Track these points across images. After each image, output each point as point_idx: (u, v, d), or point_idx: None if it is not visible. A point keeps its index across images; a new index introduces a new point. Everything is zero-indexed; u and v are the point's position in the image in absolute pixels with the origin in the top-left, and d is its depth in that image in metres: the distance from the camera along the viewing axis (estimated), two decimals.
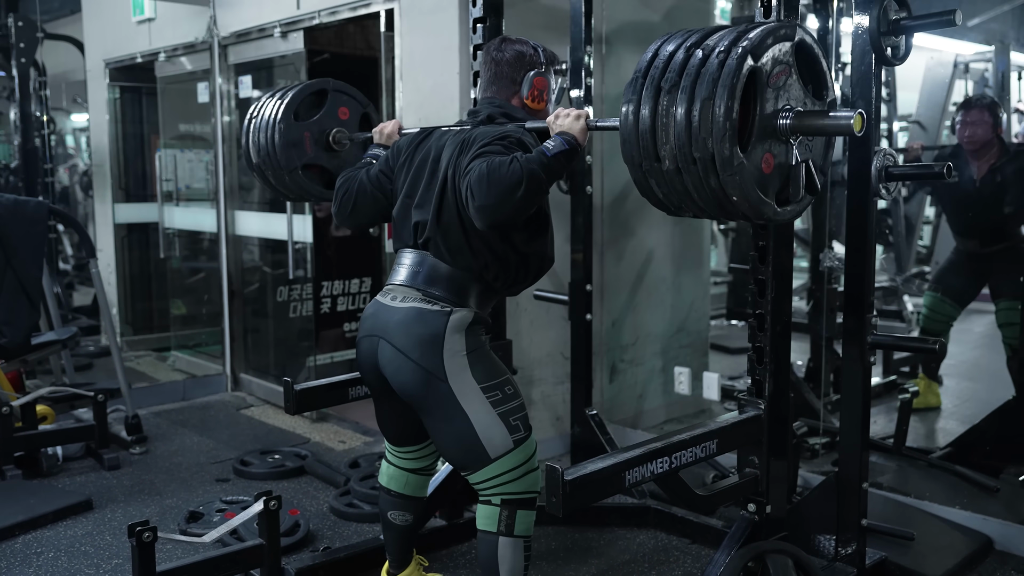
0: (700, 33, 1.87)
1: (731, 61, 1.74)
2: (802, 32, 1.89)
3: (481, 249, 2.22)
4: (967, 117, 4.08)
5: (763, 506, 2.45)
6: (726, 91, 1.72)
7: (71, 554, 3.05)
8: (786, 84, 1.86)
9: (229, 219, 5.16)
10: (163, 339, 6.20)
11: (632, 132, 1.84)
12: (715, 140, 1.73)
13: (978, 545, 2.97)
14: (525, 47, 2.39)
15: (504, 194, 1.98)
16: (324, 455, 4.02)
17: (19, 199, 3.87)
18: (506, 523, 2.24)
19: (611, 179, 4.10)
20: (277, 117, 2.84)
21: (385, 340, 2.27)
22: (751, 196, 1.80)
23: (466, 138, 2.23)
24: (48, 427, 3.96)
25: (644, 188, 1.92)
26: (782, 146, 1.88)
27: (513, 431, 2.23)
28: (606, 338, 4.16)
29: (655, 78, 1.82)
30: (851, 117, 1.80)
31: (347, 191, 2.49)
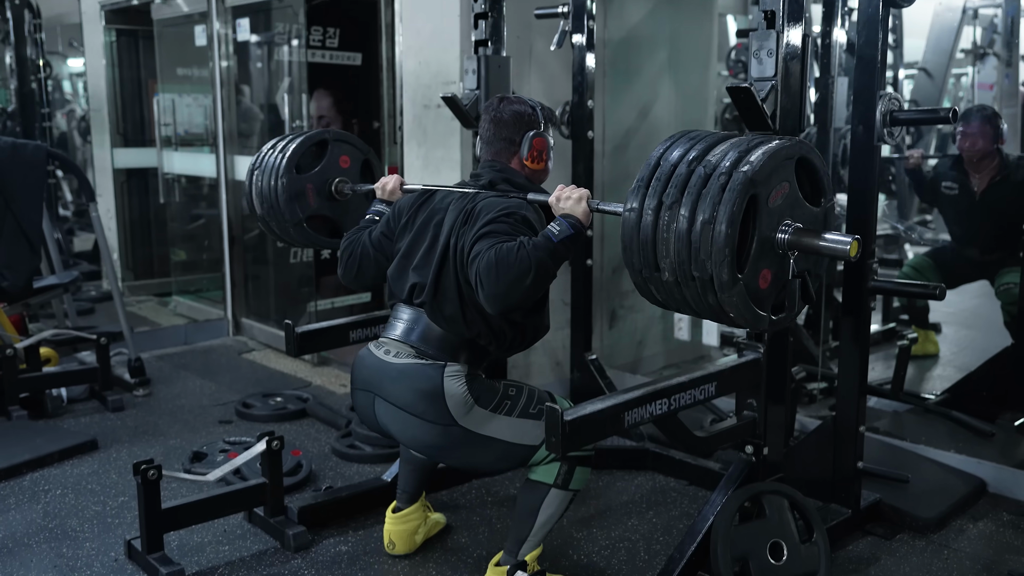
0: (704, 144, 1.86)
1: (732, 186, 1.75)
2: (804, 149, 1.90)
3: (476, 320, 2.26)
4: (968, 128, 4.04)
5: (760, 448, 2.48)
6: (726, 218, 1.73)
7: (78, 491, 3.10)
8: (785, 199, 1.87)
9: (229, 164, 5.14)
10: (164, 284, 6.22)
11: (633, 240, 1.86)
12: (714, 264, 1.75)
13: (971, 488, 3.02)
14: (523, 107, 2.41)
15: (513, 284, 2.04)
16: (325, 398, 4.06)
17: (17, 142, 3.85)
18: (564, 477, 2.31)
19: (613, 124, 4.07)
20: (279, 172, 2.87)
21: (381, 398, 2.31)
22: (747, 314, 1.83)
23: (470, 209, 2.25)
24: (52, 369, 4.00)
25: (643, 290, 1.95)
26: (779, 260, 1.89)
27: (539, 416, 2.27)
28: (606, 284, 4.17)
29: (657, 190, 1.84)
30: (848, 243, 1.82)
31: (351, 255, 2.54)
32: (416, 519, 2.67)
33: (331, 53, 4.88)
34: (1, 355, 3.66)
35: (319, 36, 4.80)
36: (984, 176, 4.06)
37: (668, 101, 4.37)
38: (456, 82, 3.53)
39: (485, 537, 2.79)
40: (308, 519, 2.78)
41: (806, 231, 1.87)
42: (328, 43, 4.85)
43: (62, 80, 9.46)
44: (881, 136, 2.56)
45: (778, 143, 1.83)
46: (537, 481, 2.33)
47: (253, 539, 2.77)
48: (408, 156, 3.86)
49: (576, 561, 2.65)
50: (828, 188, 1.96)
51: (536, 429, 2.26)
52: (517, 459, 2.31)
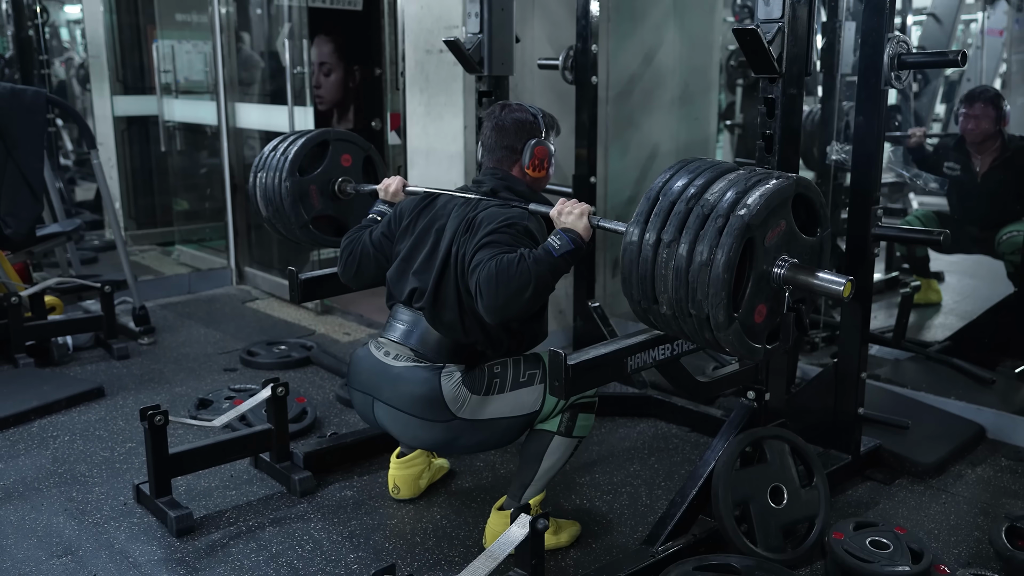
0: (703, 179, 1.85)
1: (730, 229, 1.75)
2: (801, 187, 1.88)
3: (474, 327, 2.27)
4: (971, 110, 4.04)
5: (762, 394, 2.49)
6: (723, 262, 1.74)
7: (86, 437, 3.13)
8: (781, 236, 1.86)
9: (230, 111, 5.09)
10: (167, 233, 6.20)
11: (632, 273, 1.88)
12: (710, 305, 1.76)
13: (971, 433, 3.04)
14: (525, 115, 2.40)
15: (513, 295, 2.06)
16: (329, 346, 4.08)
17: (16, 87, 3.81)
18: (567, 424, 2.35)
19: (617, 70, 4.02)
20: (282, 175, 2.87)
21: (381, 401, 2.34)
22: (743, 348, 1.85)
23: (472, 217, 2.26)
24: (57, 317, 4.01)
25: (643, 319, 1.98)
26: (774, 293, 1.89)
27: (531, 382, 2.32)
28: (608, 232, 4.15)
29: (656, 226, 1.84)
30: (841, 284, 1.83)
31: (351, 253, 2.55)
32: (420, 464, 2.70)
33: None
34: (6, 303, 3.67)
35: None
36: (986, 158, 4.06)
37: (673, 46, 4.31)
38: (459, 26, 3.48)
39: (488, 482, 2.82)
40: (313, 465, 2.81)
41: (801, 268, 1.88)
42: None
43: (59, 27, 9.35)
44: (889, 80, 2.52)
45: (775, 184, 1.82)
46: (541, 430, 2.36)
47: (259, 484, 2.80)
48: (410, 103, 3.83)
49: (579, 505, 2.68)
50: (825, 219, 1.97)
51: (532, 394, 2.31)
52: (522, 428, 2.36)
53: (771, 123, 2.38)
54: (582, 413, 2.36)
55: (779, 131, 2.36)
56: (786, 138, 2.38)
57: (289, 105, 4.54)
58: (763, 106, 2.36)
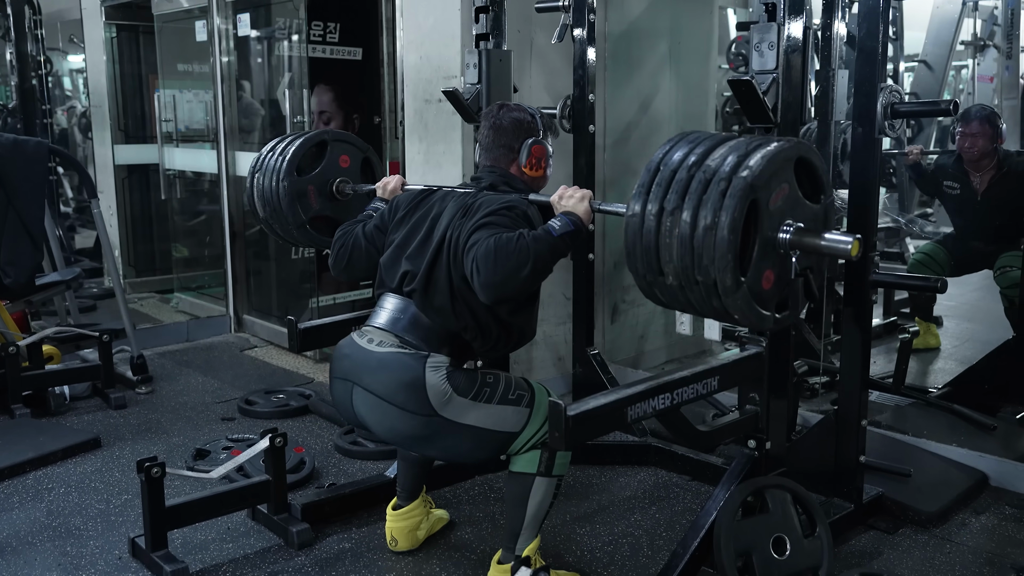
0: (703, 147, 1.86)
1: (733, 191, 1.74)
2: (803, 150, 1.89)
3: (464, 313, 2.25)
4: (967, 129, 4.08)
5: (763, 442, 2.48)
6: (728, 224, 1.73)
7: (81, 490, 3.10)
8: (785, 200, 1.86)
9: (230, 160, 5.13)
10: (166, 281, 6.21)
11: (636, 245, 1.87)
12: (717, 270, 1.75)
13: (973, 481, 3.01)
14: (523, 114, 2.43)
15: (510, 272, 2.03)
16: (328, 394, 4.03)
17: (19, 138, 3.84)
18: (546, 464, 2.30)
19: (614, 118, 4.06)
20: (281, 175, 2.87)
21: (360, 387, 2.28)
22: (751, 315, 1.84)
23: (471, 203, 2.26)
24: (55, 367, 3.99)
25: (648, 293, 1.96)
26: (782, 260, 1.89)
27: (519, 401, 2.28)
28: (608, 279, 4.16)
29: (658, 195, 1.83)
30: (849, 243, 1.83)
31: (343, 245, 2.54)
32: (417, 515, 2.67)
33: (332, 48, 4.86)
34: (4, 353, 3.65)
35: (320, 31, 4.77)
36: (984, 175, 4.08)
37: (669, 94, 4.35)
38: (457, 76, 3.52)
39: (488, 533, 2.78)
40: (311, 516, 2.78)
41: (807, 231, 1.86)
42: (329, 38, 4.83)
43: (62, 76, 9.44)
44: (882, 128, 2.55)
45: (776, 145, 1.82)
46: (520, 472, 2.32)
47: (257, 536, 2.76)
48: (410, 151, 3.86)
49: (580, 557, 2.65)
50: (827, 185, 1.96)
51: (515, 415, 2.26)
52: (496, 446, 2.30)
53: None
54: (560, 451, 2.30)
55: None
56: None
57: None
58: None
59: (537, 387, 2.35)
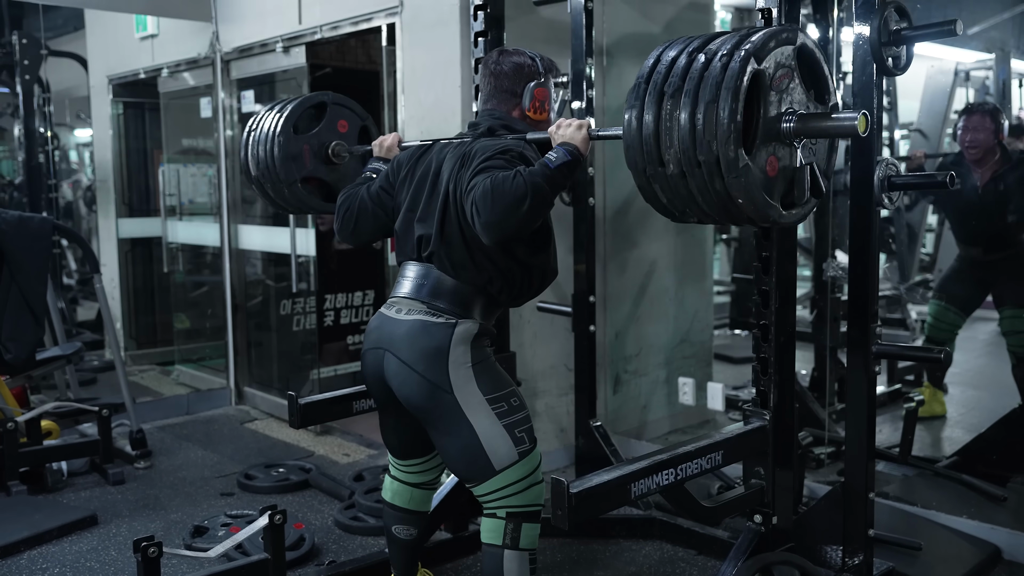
0: (702, 39, 1.86)
1: (734, 64, 1.73)
2: (803, 36, 1.89)
3: (484, 263, 2.22)
4: (969, 123, 4.07)
5: (769, 517, 2.44)
6: (730, 94, 1.71)
7: (76, 570, 3.04)
8: (788, 88, 1.85)
9: (232, 233, 5.17)
10: (167, 353, 6.21)
11: (636, 138, 1.84)
12: (719, 143, 1.72)
13: (986, 555, 2.96)
14: (523, 58, 2.38)
15: (509, 209, 1.98)
16: (328, 468, 4.02)
17: (23, 215, 3.88)
18: (511, 536, 2.22)
19: (614, 190, 4.10)
20: (276, 130, 2.84)
21: (391, 353, 2.26)
22: (756, 199, 1.79)
23: (467, 151, 2.22)
24: (53, 442, 3.96)
25: (648, 194, 1.91)
26: (786, 149, 1.87)
27: (518, 443, 2.22)
28: (609, 349, 4.16)
29: (658, 83, 1.82)
30: (855, 118, 1.80)
31: (348, 208, 2.49)
32: None
33: None
34: (2, 429, 3.63)
35: None
36: (986, 171, 4.06)
37: None
38: None
39: None
40: None
41: (811, 115, 1.84)
42: None
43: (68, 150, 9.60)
44: (879, 200, 2.57)
45: (778, 27, 1.82)
46: (489, 544, 2.25)
47: None
48: None
49: None
50: (832, 87, 1.93)
51: (505, 449, 2.20)
52: (474, 466, 2.21)
53: (767, 244, 2.41)
54: (526, 523, 2.23)
55: (775, 252, 2.39)
56: (783, 258, 2.41)
57: (291, 227, 4.61)
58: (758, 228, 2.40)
59: (536, 451, 2.28)
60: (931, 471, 3.63)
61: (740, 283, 5.61)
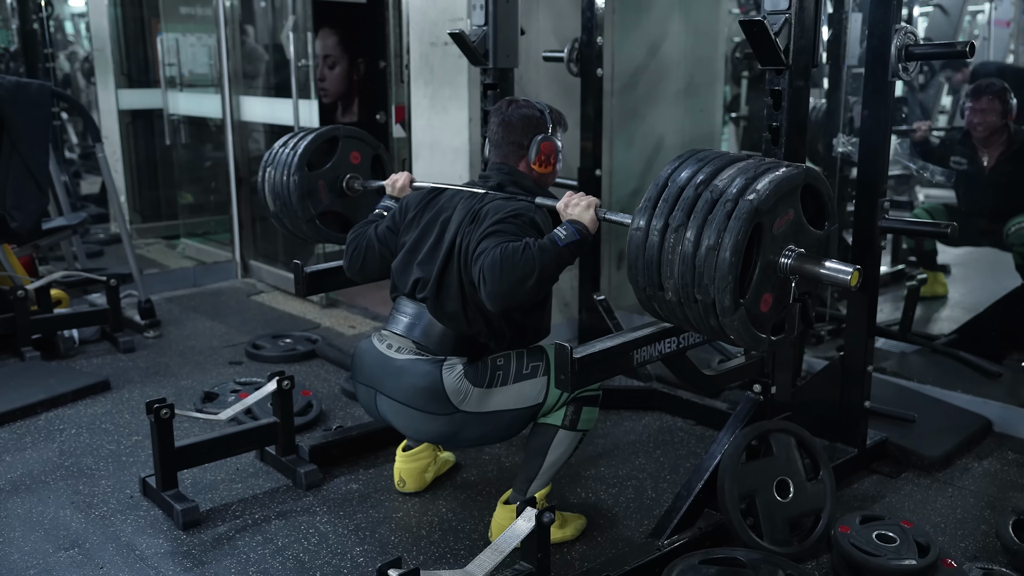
0: (712, 167, 1.85)
1: (739, 213, 1.74)
2: (810, 177, 1.87)
3: (476, 319, 2.26)
4: (977, 105, 4.01)
5: (768, 387, 2.49)
6: (731, 246, 1.72)
7: (92, 430, 3.14)
8: (789, 225, 1.85)
9: (234, 105, 5.09)
10: (172, 227, 6.21)
11: (638, 259, 1.86)
12: (717, 290, 1.75)
13: (977, 427, 3.03)
14: (532, 111, 2.41)
15: (516, 283, 2.05)
16: (334, 339, 4.08)
17: (21, 81, 3.80)
18: (571, 418, 2.34)
19: (622, 62, 4.01)
20: (291, 169, 2.88)
21: (383, 395, 2.34)
22: (747, 336, 1.84)
23: (478, 209, 2.26)
24: (63, 311, 4.02)
25: (647, 306, 1.96)
26: (781, 283, 1.88)
27: (534, 374, 2.30)
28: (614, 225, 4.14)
29: (664, 212, 1.83)
30: (848, 273, 1.82)
31: (357, 247, 2.56)
32: (426, 457, 2.70)
33: None
34: (13, 297, 3.67)
35: None
36: (993, 152, 4.04)
37: (678, 38, 4.29)
38: (463, 18, 3.47)
39: (494, 475, 2.82)
40: (319, 458, 2.81)
41: (808, 258, 1.87)
42: None
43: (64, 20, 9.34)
44: (896, 71, 2.51)
45: (785, 171, 1.82)
46: (545, 423, 2.36)
47: (265, 477, 2.80)
48: (415, 95, 3.82)
49: (584, 499, 2.68)
50: (833, 213, 1.97)
51: (535, 387, 2.30)
52: (525, 420, 2.35)
53: (777, 115, 2.36)
54: (586, 407, 2.35)
55: (785, 123, 2.34)
56: (792, 130, 2.36)
57: (294, 98, 4.53)
58: (769, 98, 2.35)
59: (549, 350, 2.35)
60: (929, 347, 3.68)
61: None
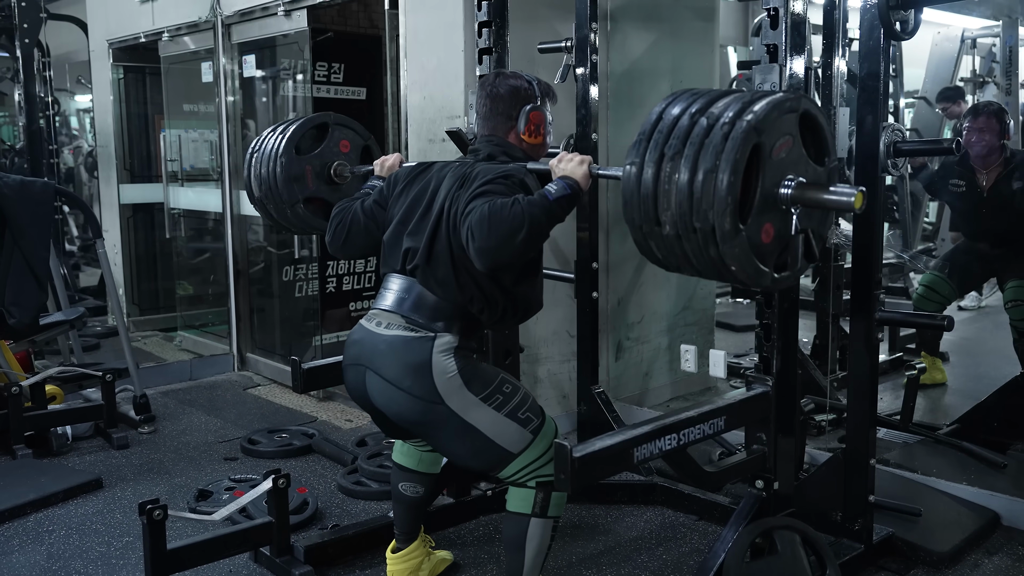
0: (705, 99, 1.84)
1: (735, 134, 1.72)
2: (806, 103, 1.88)
3: (468, 284, 2.22)
4: (975, 125, 4.07)
5: (771, 482, 2.45)
6: (729, 166, 1.70)
7: (82, 532, 3.06)
8: (788, 153, 1.84)
9: (234, 198, 5.15)
10: (169, 319, 6.21)
11: (634, 195, 1.83)
12: (716, 213, 1.72)
13: (985, 521, 2.97)
14: (520, 82, 2.39)
15: (505, 237, 1.99)
16: (331, 434, 4.03)
17: (26, 180, 3.86)
18: (540, 505, 2.25)
19: (616, 156, 4.07)
20: (279, 151, 2.84)
21: (372, 371, 2.26)
22: (749, 267, 1.79)
23: (467, 173, 2.23)
24: (57, 407, 3.98)
25: (644, 248, 1.92)
26: (782, 215, 1.86)
27: (526, 423, 2.24)
28: (612, 316, 4.15)
29: (659, 143, 1.80)
30: (852, 195, 1.80)
31: (341, 221, 2.49)
32: (417, 557, 2.63)
33: (336, 88, 4.90)
34: (7, 393, 3.64)
35: (324, 71, 4.82)
36: (991, 172, 4.05)
37: None
38: (461, 116, 3.54)
39: (493, 574, 2.74)
40: (314, 558, 2.75)
41: (810, 185, 1.83)
42: (333, 78, 4.88)
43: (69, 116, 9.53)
44: (885, 167, 2.55)
45: (782, 95, 1.80)
46: (515, 512, 2.27)
47: None
48: None
49: None
50: (833, 149, 1.92)
51: (518, 435, 2.22)
52: (491, 459, 2.24)
53: None
54: (556, 492, 2.25)
55: None
56: None
57: None
58: None
59: (548, 420, 2.31)
60: (932, 438, 3.63)
61: None
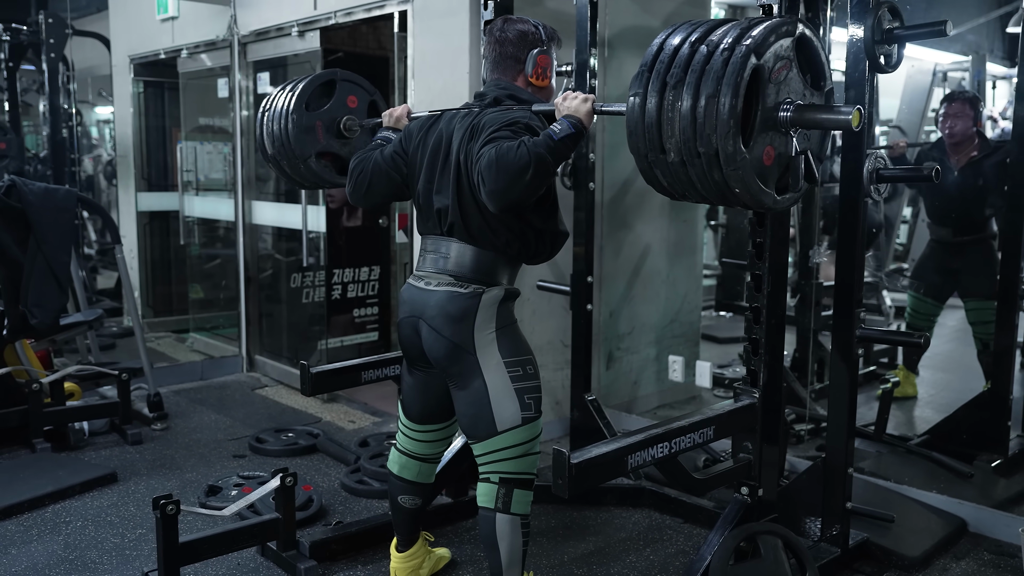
0: (704, 27, 1.81)
1: (735, 59, 1.70)
2: (803, 27, 1.85)
3: (500, 228, 2.19)
4: (949, 110, 4.05)
5: (756, 489, 2.44)
6: (730, 89, 1.68)
7: (97, 523, 3.03)
8: (786, 77, 1.82)
9: (246, 208, 5.13)
10: (182, 322, 6.17)
11: (638, 124, 1.81)
12: (719, 136, 1.69)
13: (953, 527, 2.97)
14: (526, 26, 2.33)
15: (513, 178, 1.96)
16: (335, 434, 4.00)
17: (49, 187, 3.83)
18: (503, 500, 2.20)
19: (611, 176, 4.07)
20: (289, 108, 2.80)
21: (423, 321, 2.25)
22: (752, 188, 1.77)
23: (475, 123, 2.18)
24: (75, 403, 3.94)
25: (649, 177, 1.89)
26: (782, 137, 1.84)
27: (524, 408, 2.20)
28: (604, 327, 4.14)
29: (660, 72, 1.78)
30: (850, 112, 1.77)
31: (362, 171, 2.42)
32: (419, 556, 2.61)
33: None
34: (28, 390, 3.61)
35: None
36: (963, 156, 4.04)
37: None
38: None
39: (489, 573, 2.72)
40: (319, 553, 2.72)
41: (808, 107, 1.81)
42: None
43: (90, 126, 9.49)
44: (868, 192, 2.55)
45: (779, 19, 1.79)
46: (483, 507, 2.23)
47: (266, 572, 2.70)
48: None
49: None
50: (829, 74, 1.90)
51: (511, 412, 2.18)
52: (481, 421, 2.20)
53: (761, 231, 2.39)
54: (518, 489, 2.21)
55: (769, 239, 2.37)
56: (776, 245, 2.39)
57: (303, 204, 4.56)
58: (753, 215, 2.38)
59: (539, 421, 2.26)
60: (903, 448, 3.63)
61: (726, 267, 5.58)
